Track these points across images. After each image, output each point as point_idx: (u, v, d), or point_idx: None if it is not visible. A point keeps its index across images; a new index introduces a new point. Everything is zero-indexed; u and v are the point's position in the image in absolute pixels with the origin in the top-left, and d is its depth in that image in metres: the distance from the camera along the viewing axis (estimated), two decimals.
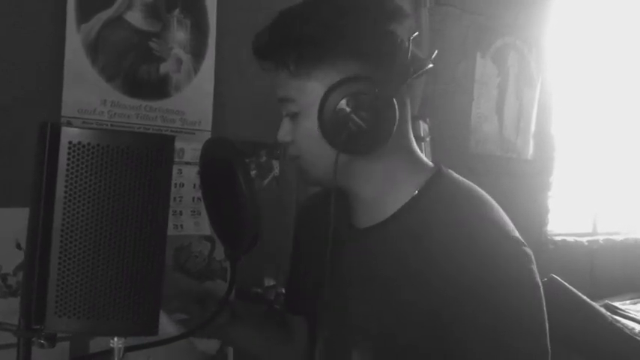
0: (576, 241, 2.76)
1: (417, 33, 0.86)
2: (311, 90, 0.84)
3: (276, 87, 0.88)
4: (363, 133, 0.82)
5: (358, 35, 0.84)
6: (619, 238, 3.01)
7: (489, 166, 2.29)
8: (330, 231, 0.86)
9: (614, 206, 3.16)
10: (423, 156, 0.94)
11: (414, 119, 1.76)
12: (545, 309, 0.81)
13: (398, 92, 0.84)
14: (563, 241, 2.68)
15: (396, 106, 0.83)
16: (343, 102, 0.81)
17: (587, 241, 2.82)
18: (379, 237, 0.90)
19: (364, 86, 0.81)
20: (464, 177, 0.93)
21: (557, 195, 2.67)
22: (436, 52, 0.91)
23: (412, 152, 0.92)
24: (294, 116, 0.87)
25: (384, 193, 0.90)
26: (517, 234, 0.84)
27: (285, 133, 0.90)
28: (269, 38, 0.86)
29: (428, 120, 1.82)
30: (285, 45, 0.84)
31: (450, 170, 0.94)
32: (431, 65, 0.87)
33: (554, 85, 2.59)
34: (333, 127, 0.82)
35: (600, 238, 2.91)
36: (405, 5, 0.99)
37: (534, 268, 0.82)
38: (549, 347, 0.80)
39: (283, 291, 1.58)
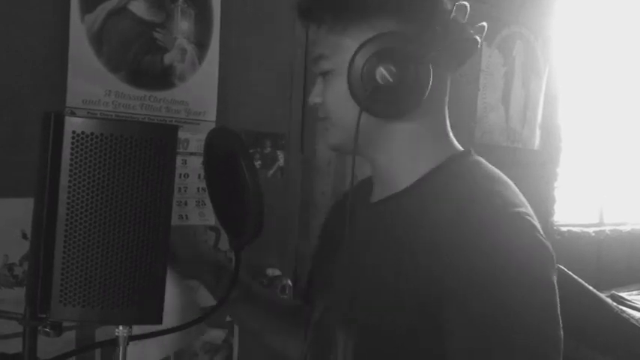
0: (583, 232, 2.75)
1: (464, 2, 0.82)
2: (346, 47, 0.81)
3: (315, 45, 0.87)
4: (390, 94, 0.78)
5: None
6: (626, 228, 3.00)
7: (495, 156, 2.26)
8: (349, 202, 0.84)
9: (621, 197, 3.14)
10: (454, 139, 0.89)
11: None
12: (555, 283, 0.77)
13: (434, 53, 0.79)
14: (570, 231, 2.68)
15: (431, 70, 0.79)
16: (373, 57, 0.78)
17: (594, 231, 2.82)
18: (388, 210, 0.86)
19: (397, 42, 0.78)
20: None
21: (563, 185, 2.66)
22: (485, 25, 0.85)
23: (442, 130, 0.87)
24: (326, 75, 0.85)
25: (401, 164, 0.86)
26: (531, 214, 0.80)
27: (316, 94, 0.87)
28: None
29: None
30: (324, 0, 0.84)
31: (480, 158, 0.88)
32: (479, 44, 0.82)
33: (560, 75, 2.57)
34: (360, 84, 0.79)
35: (607, 228, 2.91)
36: None
37: (540, 237, 0.77)
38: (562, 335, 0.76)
39: (289, 282, 1.58)
